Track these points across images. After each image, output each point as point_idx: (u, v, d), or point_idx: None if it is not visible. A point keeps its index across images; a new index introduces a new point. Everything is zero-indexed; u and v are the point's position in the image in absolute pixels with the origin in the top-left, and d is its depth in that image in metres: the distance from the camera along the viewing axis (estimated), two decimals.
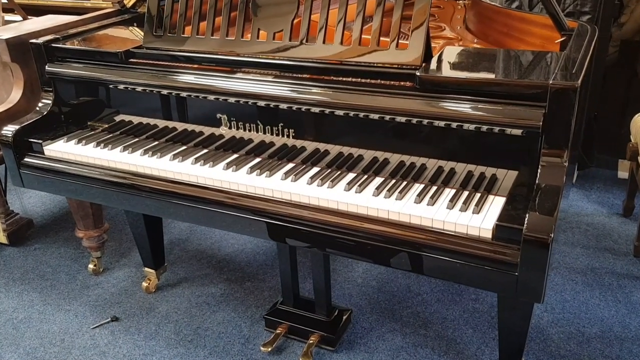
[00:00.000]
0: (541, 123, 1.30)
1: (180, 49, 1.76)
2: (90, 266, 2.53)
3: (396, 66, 1.49)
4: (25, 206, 3.14)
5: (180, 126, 1.81)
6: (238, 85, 1.64)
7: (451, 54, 1.57)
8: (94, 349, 2.10)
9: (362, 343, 2.06)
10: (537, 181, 1.31)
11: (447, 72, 1.45)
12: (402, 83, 1.47)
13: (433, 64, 1.48)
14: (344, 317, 2.09)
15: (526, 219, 1.23)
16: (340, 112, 1.52)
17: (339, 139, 1.58)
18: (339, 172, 1.58)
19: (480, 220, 1.33)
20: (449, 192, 1.45)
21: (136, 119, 1.88)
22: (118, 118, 1.92)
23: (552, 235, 1.19)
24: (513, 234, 1.26)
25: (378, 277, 2.42)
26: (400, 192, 1.45)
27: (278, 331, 2.04)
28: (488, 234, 1.30)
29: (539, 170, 1.32)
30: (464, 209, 1.37)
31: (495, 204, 1.39)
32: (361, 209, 1.42)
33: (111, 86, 1.85)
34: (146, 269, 2.39)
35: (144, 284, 2.39)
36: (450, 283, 2.30)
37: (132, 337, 2.15)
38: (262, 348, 1.99)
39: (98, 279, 2.51)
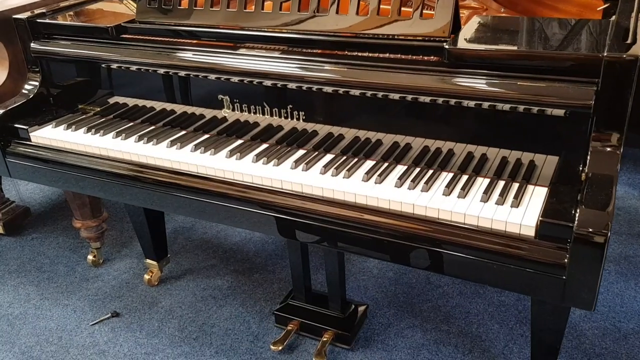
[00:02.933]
0: (592, 102, 1.13)
1: (177, 22, 1.61)
2: (90, 257, 2.41)
3: (420, 38, 1.34)
4: (22, 194, 3.02)
5: (178, 108, 1.65)
6: (241, 62, 1.48)
7: (482, 24, 1.40)
8: (93, 348, 1.98)
9: (379, 340, 1.94)
10: (586, 170, 1.14)
11: (480, 44, 1.27)
12: (427, 58, 1.32)
13: (463, 36, 1.31)
14: (360, 313, 1.96)
15: (577, 215, 1.06)
16: (356, 92, 1.37)
17: (355, 122, 1.43)
18: (355, 160, 1.42)
19: (520, 215, 1.16)
20: (482, 182, 1.29)
21: (131, 101, 1.73)
22: (111, 100, 1.76)
23: (609, 234, 1.02)
24: (561, 232, 1.09)
25: (395, 268, 2.28)
26: (426, 182, 1.28)
27: (289, 328, 1.92)
28: (530, 232, 1.13)
29: (588, 157, 1.15)
30: (501, 201, 1.20)
31: (536, 196, 1.22)
32: (382, 202, 1.26)
33: (102, 65, 1.70)
34: (148, 260, 2.26)
35: (146, 277, 2.27)
36: None
37: (133, 335, 2.03)
38: (272, 347, 1.87)
39: (98, 270, 2.39)
